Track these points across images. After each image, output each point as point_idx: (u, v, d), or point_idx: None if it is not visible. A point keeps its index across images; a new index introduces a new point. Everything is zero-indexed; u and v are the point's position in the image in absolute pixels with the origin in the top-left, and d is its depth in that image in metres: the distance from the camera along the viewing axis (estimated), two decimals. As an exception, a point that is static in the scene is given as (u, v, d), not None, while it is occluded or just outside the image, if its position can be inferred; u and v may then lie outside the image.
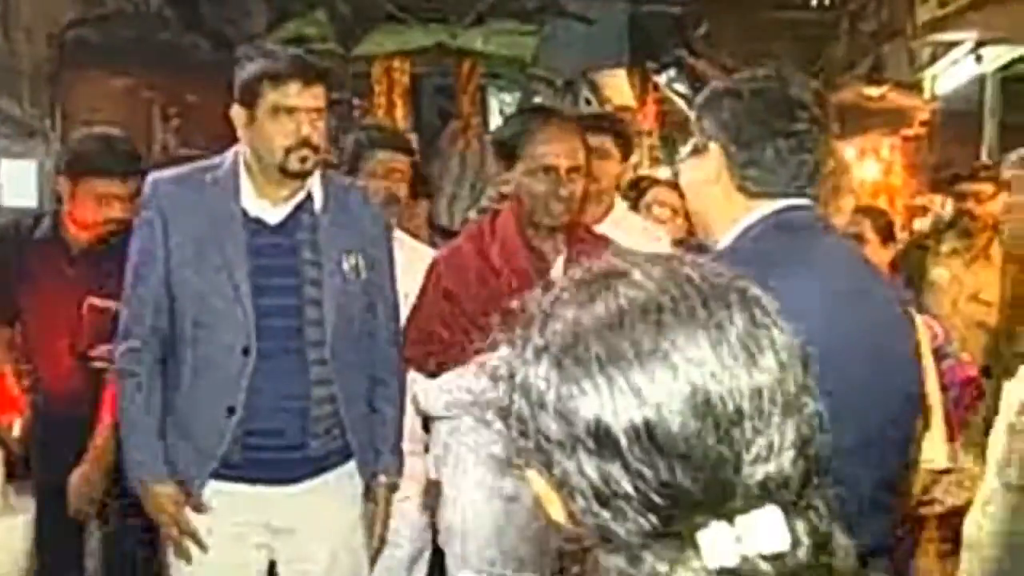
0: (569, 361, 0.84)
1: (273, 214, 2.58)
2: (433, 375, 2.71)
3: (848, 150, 12.38)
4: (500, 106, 10.34)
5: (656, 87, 10.82)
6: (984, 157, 8.29)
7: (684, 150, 1.88)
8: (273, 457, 2.58)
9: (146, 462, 2.58)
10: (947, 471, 2.70)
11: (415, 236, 3.66)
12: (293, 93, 2.46)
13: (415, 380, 2.80)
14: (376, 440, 2.71)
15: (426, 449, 3.22)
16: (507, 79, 9.86)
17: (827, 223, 1.81)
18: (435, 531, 3.10)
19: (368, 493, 2.72)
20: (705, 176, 1.78)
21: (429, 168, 7.67)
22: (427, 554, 3.32)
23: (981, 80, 8.09)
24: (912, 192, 10.14)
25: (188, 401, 2.58)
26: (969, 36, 7.24)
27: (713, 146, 1.76)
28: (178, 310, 2.57)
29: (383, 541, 2.78)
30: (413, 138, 8.86)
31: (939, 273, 3.74)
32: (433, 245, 3.75)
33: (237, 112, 2.52)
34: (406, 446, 3.03)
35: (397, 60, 8.59)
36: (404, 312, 2.94)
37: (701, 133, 1.80)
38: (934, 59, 8.26)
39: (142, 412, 2.59)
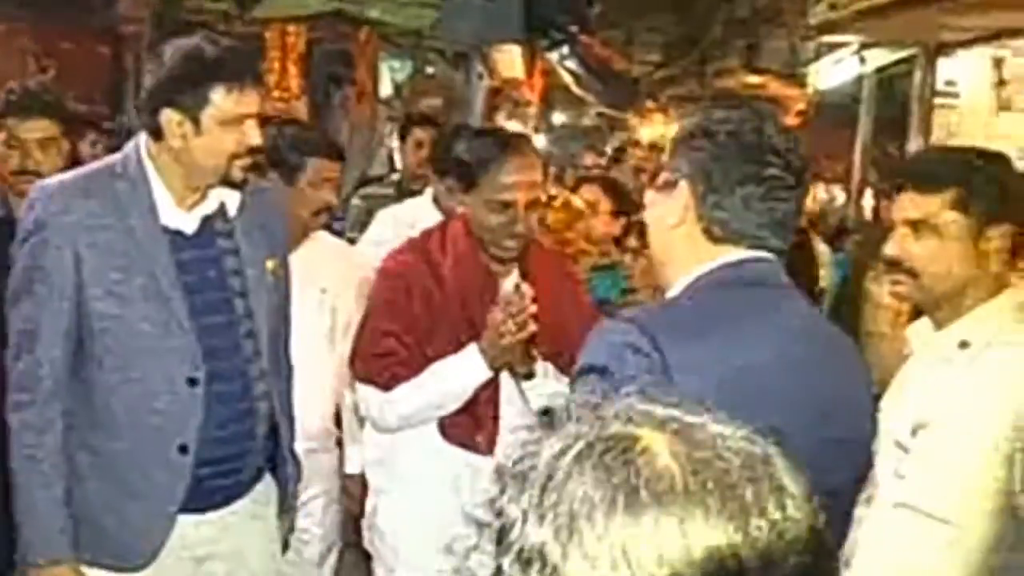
0: (575, 537, 0.78)
1: (188, 222, 2.35)
2: (384, 388, 2.66)
3: None
4: (391, 73, 10.36)
5: (543, 60, 11.03)
6: (858, 147, 8.89)
7: (652, 192, 1.80)
8: (218, 484, 2.42)
9: (49, 539, 2.27)
10: None
11: None
12: (248, 99, 2.25)
13: (364, 393, 2.76)
14: (288, 446, 2.59)
15: (339, 444, 3.33)
16: (399, 47, 9.85)
17: (781, 275, 1.73)
18: (356, 527, 3.17)
19: (282, 504, 2.61)
20: (671, 215, 1.70)
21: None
22: (336, 549, 3.35)
23: (859, 78, 8.56)
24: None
25: (122, 446, 2.31)
26: (854, 39, 7.66)
27: (682, 184, 1.68)
28: (97, 347, 2.27)
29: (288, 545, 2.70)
30: (303, 103, 8.99)
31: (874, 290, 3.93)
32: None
33: (171, 118, 2.22)
34: (314, 443, 3.09)
35: (292, 25, 8.48)
36: (312, 304, 2.97)
37: (671, 169, 1.72)
38: (818, 56, 8.71)
39: (43, 480, 2.27)
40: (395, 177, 5.67)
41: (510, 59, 10.33)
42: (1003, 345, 1.94)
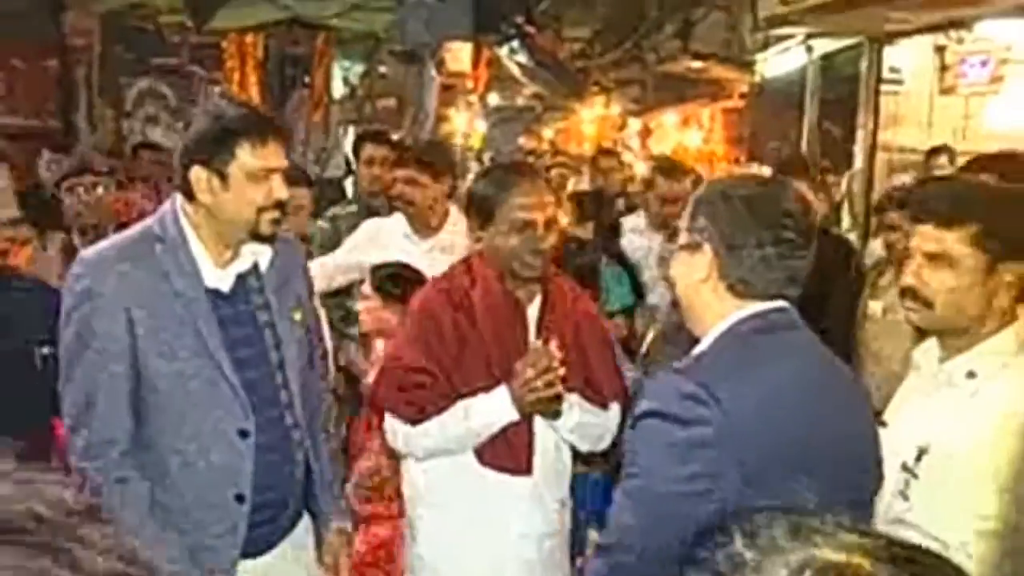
0: None
1: (225, 281, 2.42)
2: (413, 422, 2.72)
3: (669, 117, 13.29)
4: (344, 74, 10.41)
5: (489, 51, 11.18)
6: (805, 130, 9.19)
7: (675, 245, 2.00)
8: (265, 530, 2.49)
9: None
10: None
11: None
12: (272, 154, 2.33)
13: (392, 425, 2.81)
14: (323, 488, 2.65)
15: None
16: (351, 48, 9.92)
17: (797, 321, 1.90)
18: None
19: (319, 543, 2.67)
20: (697, 274, 1.88)
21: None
22: None
23: (805, 65, 8.88)
24: (732, 159, 10.95)
25: (179, 501, 2.36)
26: (802, 31, 7.97)
27: (707, 248, 1.86)
28: (151, 404, 2.33)
29: None
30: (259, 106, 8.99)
31: (875, 307, 4.03)
32: None
33: (200, 176, 2.30)
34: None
35: (251, 34, 8.53)
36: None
37: (694, 232, 1.89)
38: (766, 45, 8.99)
39: (145, 517, 2.31)
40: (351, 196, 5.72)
41: (459, 55, 10.46)
42: (1007, 380, 2.01)
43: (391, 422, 2.79)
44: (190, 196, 2.34)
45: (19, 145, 8.22)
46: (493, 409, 2.64)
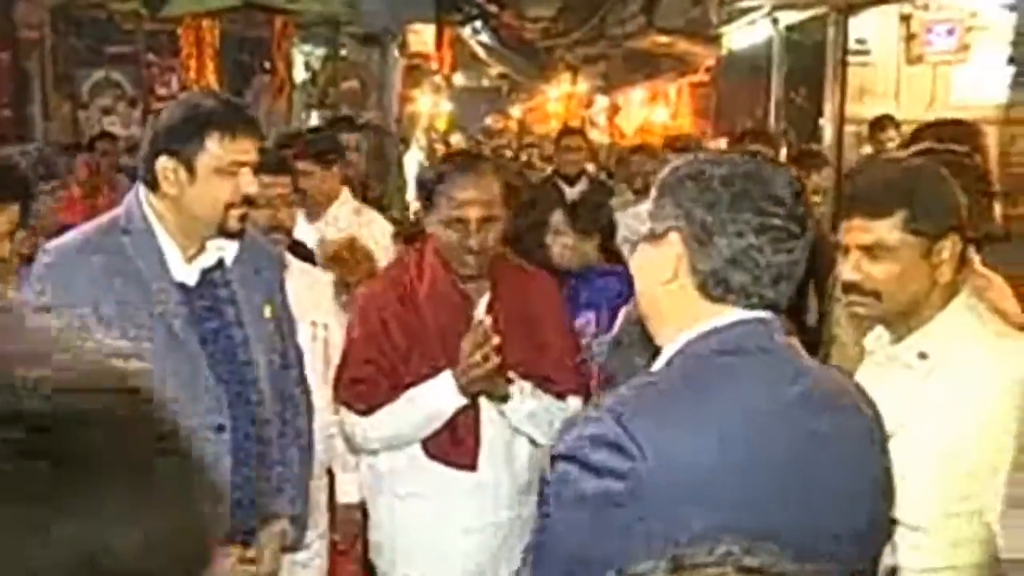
0: None
1: (190, 275, 2.37)
2: (363, 413, 2.75)
3: (636, 93, 13.27)
4: (305, 59, 10.27)
5: (452, 31, 11.12)
6: (772, 101, 9.19)
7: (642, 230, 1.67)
8: (236, 523, 2.40)
9: None
10: None
11: None
12: (243, 147, 2.26)
13: (346, 418, 2.84)
14: (280, 481, 2.56)
15: (329, 474, 3.32)
16: (312, 32, 9.80)
17: (777, 339, 1.57)
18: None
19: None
20: (661, 271, 1.56)
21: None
22: None
23: (770, 37, 8.86)
24: (699, 134, 10.93)
25: None
26: (767, 2, 7.94)
27: (673, 236, 1.54)
28: None
29: None
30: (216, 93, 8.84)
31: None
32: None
33: (166, 165, 2.25)
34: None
35: (206, 20, 8.40)
36: (305, 339, 2.92)
37: (659, 219, 1.57)
38: (731, 19, 8.96)
39: None
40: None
41: (422, 37, 10.40)
42: (959, 358, 1.99)
43: (345, 414, 2.82)
44: (155, 187, 2.28)
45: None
46: (438, 394, 2.64)
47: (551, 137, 9.74)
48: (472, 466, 2.72)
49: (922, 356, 2.03)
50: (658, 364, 1.59)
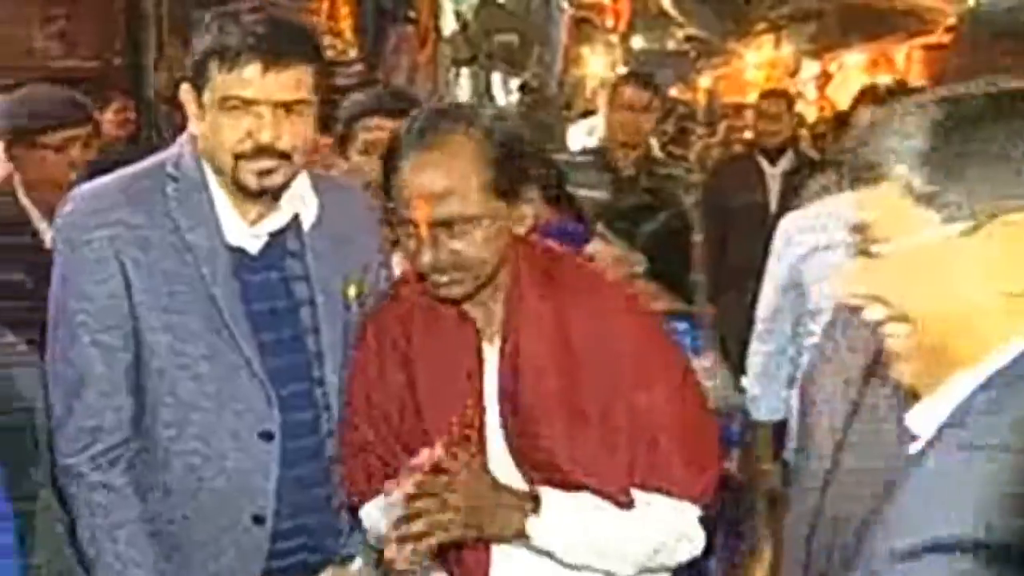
0: None
1: (253, 240, 2.14)
2: (356, 505, 2.22)
3: (853, 57, 11.98)
4: (455, 7, 9.76)
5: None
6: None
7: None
8: (296, 562, 2.22)
9: None
10: None
11: None
12: (249, 78, 1.97)
13: None
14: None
15: None
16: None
17: None
18: None
19: None
20: (970, 275, 1.20)
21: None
22: None
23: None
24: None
25: (183, 515, 2.14)
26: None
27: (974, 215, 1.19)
28: (150, 393, 2.09)
29: None
30: (354, 44, 8.26)
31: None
32: None
33: (186, 93, 2.07)
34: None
35: (340, -45, 8.01)
36: None
37: (949, 195, 1.20)
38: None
39: (132, 541, 2.11)
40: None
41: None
42: None
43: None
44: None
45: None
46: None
47: (749, 109, 9.02)
48: None
49: None
50: (956, 392, 1.22)
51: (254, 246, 2.15)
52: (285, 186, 2.11)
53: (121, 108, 6.48)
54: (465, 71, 9.46)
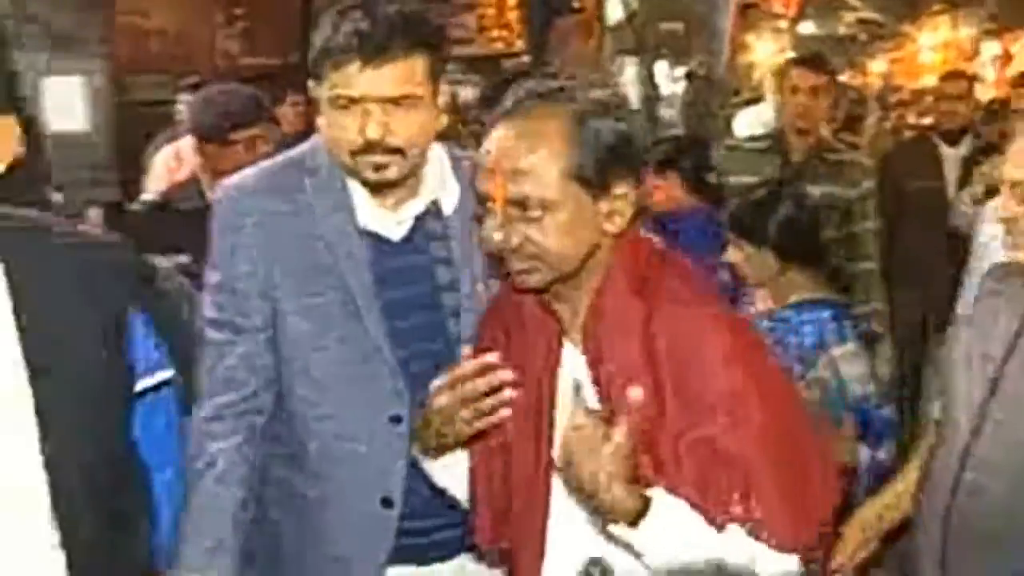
0: None
1: (394, 225, 2.15)
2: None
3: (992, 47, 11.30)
4: None
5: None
6: None
7: None
8: (427, 543, 2.23)
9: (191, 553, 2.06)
10: None
11: None
12: (353, 76, 2.00)
13: None
14: None
15: None
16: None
17: None
18: None
19: None
20: None
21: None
22: None
23: None
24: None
25: (316, 494, 2.19)
26: None
27: None
28: (284, 376, 2.15)
29: None
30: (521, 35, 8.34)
31: None
32: None
33: (313, 90, 2.12)
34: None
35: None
36: None
37: None
38: None
39: (211, 484, 2.11)
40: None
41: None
42: None
43: None
44: None
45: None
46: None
47: (926, 93, 8.73)
48: None
49: None
50: None
51: (396, 233, 2.17)
52: (408, 177, 2.11)
53: (295, 102, 6.66)
54: (630, 60, 9.34)
